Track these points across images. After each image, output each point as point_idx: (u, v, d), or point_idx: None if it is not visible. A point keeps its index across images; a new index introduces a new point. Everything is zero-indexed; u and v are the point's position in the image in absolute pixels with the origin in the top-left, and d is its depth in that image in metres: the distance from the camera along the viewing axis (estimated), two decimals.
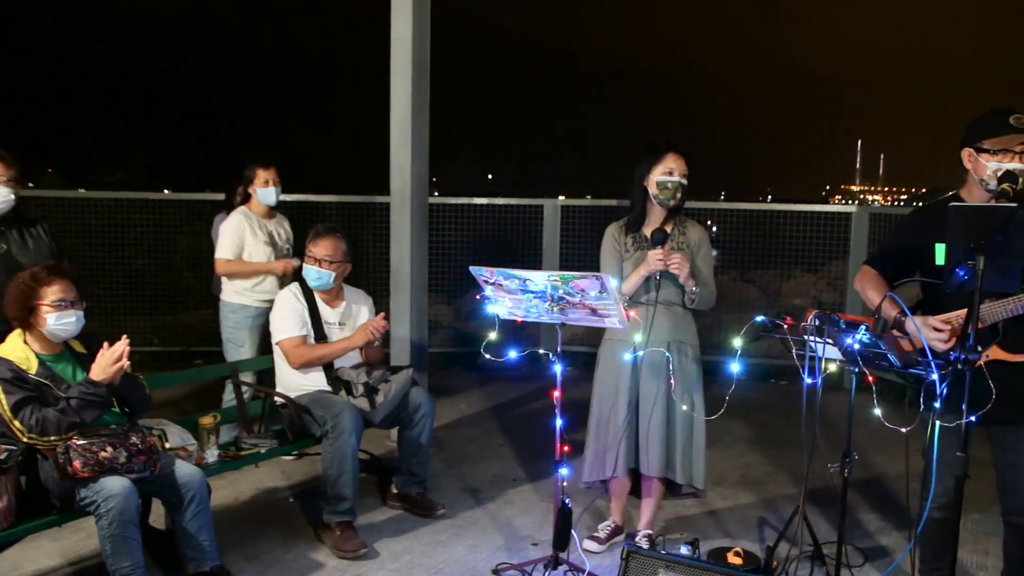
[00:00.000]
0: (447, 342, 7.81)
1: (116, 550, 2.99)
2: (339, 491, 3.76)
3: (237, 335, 4.73)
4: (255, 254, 4.69)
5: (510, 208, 7.62)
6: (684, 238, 3.59)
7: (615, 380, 3.63)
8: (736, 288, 7.78)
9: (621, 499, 3.87)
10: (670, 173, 3.52)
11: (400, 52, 4.98)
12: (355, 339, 4.11)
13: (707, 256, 3.62)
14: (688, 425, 3.61)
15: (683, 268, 3.42)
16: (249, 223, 4.71)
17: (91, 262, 7.41)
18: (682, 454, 3.60)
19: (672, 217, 3.61)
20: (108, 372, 3.12)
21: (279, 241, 4.81)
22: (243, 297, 4.72)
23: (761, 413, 6.02)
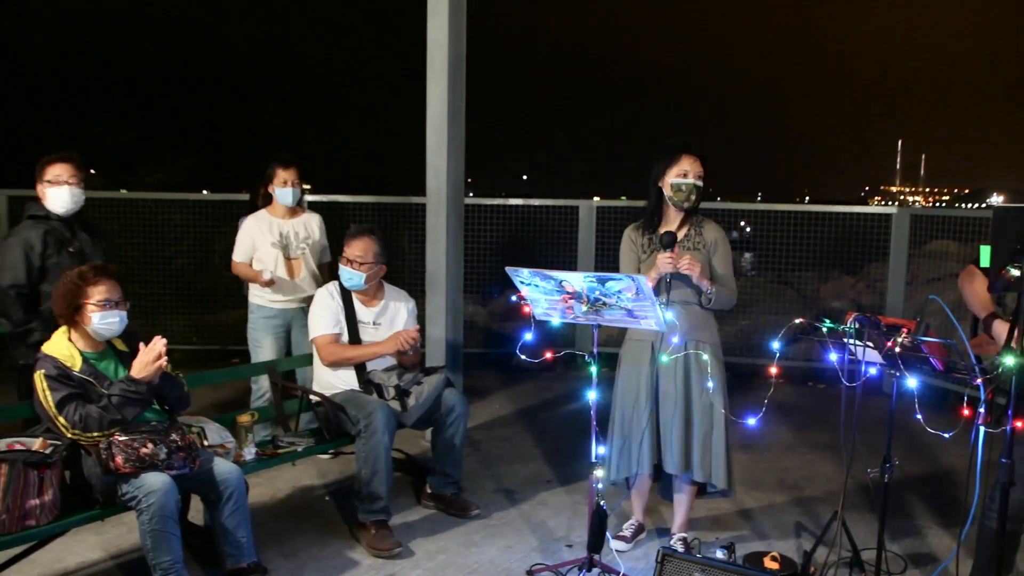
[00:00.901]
0: (482, 343, 7.82)
1: (156, 545, 3.03)
2: (373, 490, 3.78)
3: (255, 335, 4.83)
4: (264, 256, 4.74)
5: (545, 209, 7.62)
6: (700, 238, 3.58)
7: (636, 380, 3.63)
8: (773, 290, 7.70)
9: (643, 497, 3.87)
10: (684, 175, 3.51)
11: (436, 54, 5.00)
12: (386, 347, 4.12)
13: (725, 255, 3.59)
14: (707, 423, 3.58)
15: (694, 268, 3.40)
16: (259, 225, 4.77)
17: (132, 262, 7.54)
18: (701, 453, 3.58)
19: (688, 217, 3.60)
20: (148, 370, 3.17)
21: (294, 241, 4.80)
22: (258, 299, 4.81)
23: (798, 416, 5.94)
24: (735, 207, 7.66)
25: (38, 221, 3.87)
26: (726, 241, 3.61)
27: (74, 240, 3.91)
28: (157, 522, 3.02)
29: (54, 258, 3.80)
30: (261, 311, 4.79)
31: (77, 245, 3.90)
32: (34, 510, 2.97)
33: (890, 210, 7.14)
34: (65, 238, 3.88)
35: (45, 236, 3.81)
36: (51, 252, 3.81)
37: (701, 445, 3.57)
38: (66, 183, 3.88)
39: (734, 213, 7.90)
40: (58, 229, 3.88)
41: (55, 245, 3.82)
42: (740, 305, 7.57)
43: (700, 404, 3.56)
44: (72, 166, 3.91)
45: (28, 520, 2.96)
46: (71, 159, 3.93)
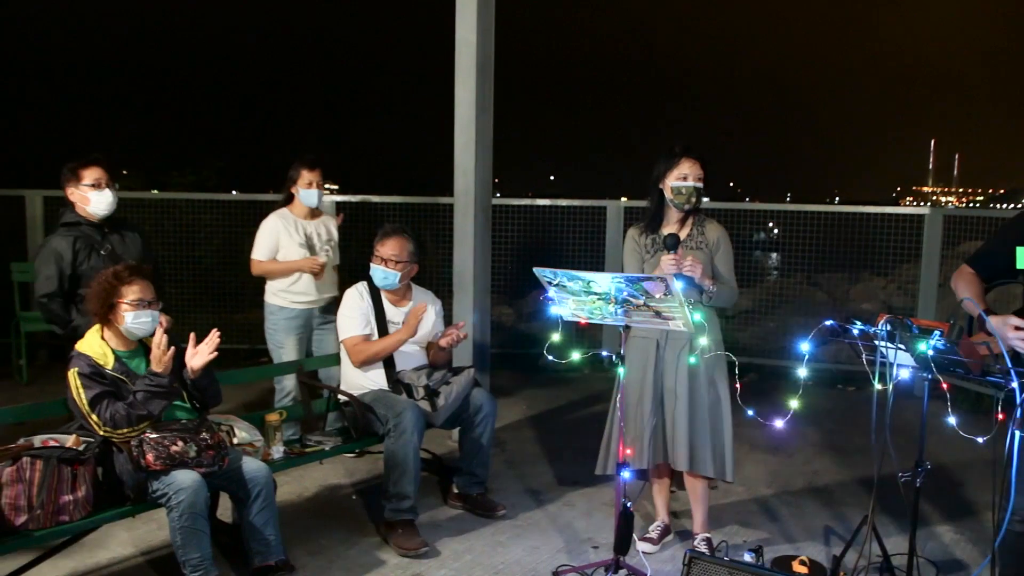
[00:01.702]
0: (509, 343, 7.82)
1: (186, 541, 3.07)
2: (401, 489, 3.79)
3: (276, 336, 4.77)
4: (290, 255, 4.71)
5: (572, 209, 7.60)
6: (703, 238, 3.61)
7: (640, 377, 3.63)
8: (802, 292, 7.64)
9: (664, 497, 3.89)
10: (684, 178, 3.55)
11: (464, 54, 5.00)
12: (404, 331, 4.09)
13: (726, 254, 3.63)
14: (714, 418, 3.59)
15: (696, 269, 3.42)
16: (285, 224, 4.74)
17: (163, 261, 7.61)
18: (710, 448, 3.58)
19: (690, 217, 3.63)
20: (163, 362, 3.21)
21: (318, 242, 4.80)
22: (278, 298, 4.75)
23: (828, 420, 5.89)
24: (763, 207, 7.60)
25: (70, 228, 3.89)
26: (728, 240, 3.65)
27: (105, 243, 3.94)
28: (187, 519, 3.05)
29: (86, 264, 3.83)
30: (282, 312, 4.74)
31: (108, 247, 3.93)
32: (68, 506, 3.01)
33: (922, 211, 7.05)
34: (96, 242, 3.91)
35: (75, 243, 3.83)
36: (82, 259, 3.83)
37: (710, 441, 3.58)
38: (106, 186, 3.92)
39: (762, 214, 7.84)
40: (88, 234, 3.90)
41: (85, 251, 3.85)
42: (768, 306, 7.56)
43: (707, 400, 3.58)
44: (105, 169, 3.94)
45: (62, 515, 3.01)
46: (101, 161, 3.95)
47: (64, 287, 3.81)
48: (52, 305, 3.80)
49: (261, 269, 4.75)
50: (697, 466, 3.59)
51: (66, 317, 3.81)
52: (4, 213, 7.79)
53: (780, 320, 7.35)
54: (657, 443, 3.63)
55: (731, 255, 3.65)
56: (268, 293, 4.80)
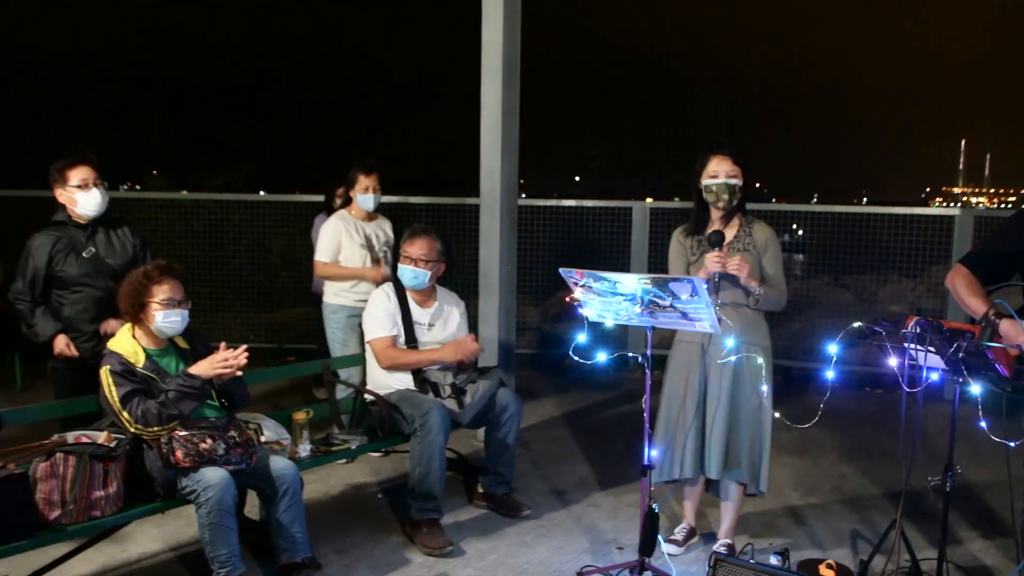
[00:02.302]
0: (534, 343, 7.83)
1: (214, 538, 3.10)
2: (426, 489, 3.81)
3: (339, 334, 4.82)
4: (351, 256, 4.77)
5: (598, 210, 7.59)
6: (750, 239, 3.55)
7: (684, 382, 3.60)
8: (829, 293, 7.57)
9: (694, 501, 3.85)
10: (715, 176, 3.51)
11: (491, 56, 5.02)
12: (445, 354, 4.17)
13: (775, 256, 3.57)
14: (755, 427, 3.54)
15: (742, 269, 3.38)
16: (346, 226, 4.80)
17: (193, 261, 7.70)
18: (748, 456, 3.55)
19: (733, 218, 3.58)
20: (209, 372, 3.25)
21: (376, 244, 4.86)
22: (341, 298, 4.80)
23: (855, 422, 5.84)
24: (788, 208, 7.55)
25: (57, 228, 3.83)
26: (776, 242, 3.59)
27: (89, 244, 3.85)
28: (215, 516, 3.09)
29: (61, 265, 3.78)
30: (344, 311, 4.78)
31: (91, 250, 3.85)
32: (99, 501, 3.06)
33: (952, 212, 6.97)
34: (79, 243, 3.83)
35: (55, 244, 3.78)
36: (59, 260, 3.78)
37: (748, 449, 3.54)
38: (94, 186, 3.82)
39: (786, 215, 7.79)
40: (72, 236, 3.83)
41: (64, 252, 3.79)
42: (794, 308, 7.48)
43: (748, 407, 3.53)
44: (91, 167, 3.84)
45: (94, 511, 3.06)
46: (88, 160, 3.85)
47: (36, 287, 3.79)
48: (18, 304, 3.79)
49: (325, 272, 4.80)
50: (734, 473, 3.56)
51: (28, 318, 3.79)
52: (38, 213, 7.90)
53: (807, 322, 7.29)
54: (696, 450, 3.58)
55: (780, 257, 3.59)
56: (328, 294, 4.85)
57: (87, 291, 3.83)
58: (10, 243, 7.21)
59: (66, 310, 3.84)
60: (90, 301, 3.84)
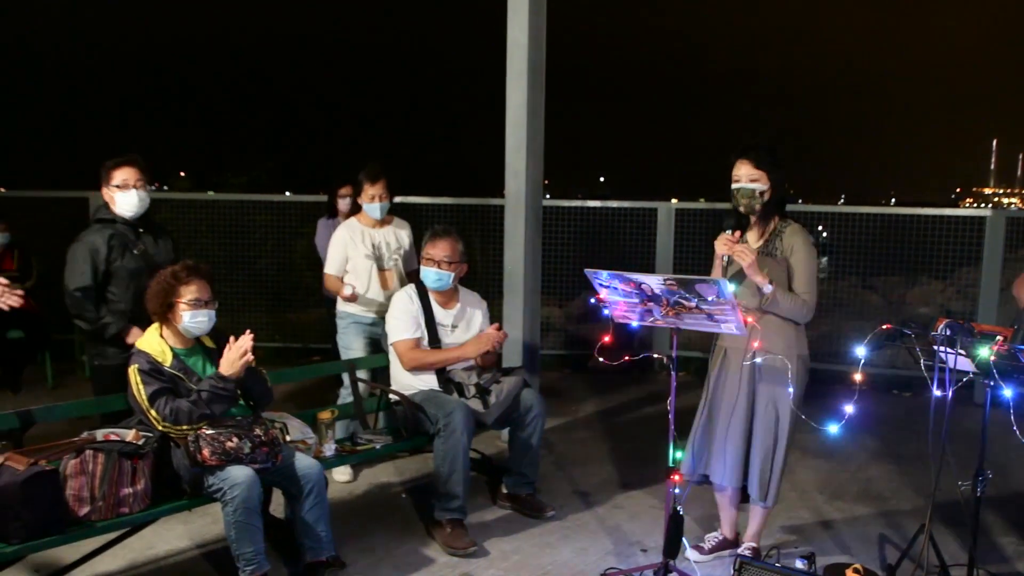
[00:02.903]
0: (558, 344, 7.82)
1: (240, 536, 3.12)
2: (450, 489, 3.82)
3: (345, 340, 4.74)
4: (357, 267, 4.64)
5: (623, 211, 7.57)
6: (780, 244, 3.46)
7: (709, 386, 3.60)
8: (857, 295, 7.49)
9: (729, 511, 3.78)
10: (737, 180, 3.46)
11: (516, 56, 5.02)
12: (468, 350, 4.17)
13: (801, 264, 3.41)
14: (770, 439, 3.48)
15: (744, 256, 3.28)
16: (352, 236, 4.66)
17: (219, 261, 7.76)
18: (760, 468, 3.50)
19: (769, 222, 3.50)
20: (235, 366, 3.28)
21: (386, 252, 4.72)
22: (349, 306, 4.69)
23: (883, 426, 5.77)
24: (814, 209, 7.48)
25: (105, 225, 3.91)
26: (806, 249, 3.44)
27: (139, 242, 3.94)
28: (241, 514, 3.11)
29: (118, 261, 3.85)
30: (351, 318, 4.71)
31: (142, 247, 3.93)
32: (127, 498, 3.10)
33: (983, 212, 6.87)
34: (130, 240, 3.92)
35: (110, 240, 3.85)
36: (115, 255, 3.85)
37: (761, 461, 3.49)
38: (133, 187, 3.89)
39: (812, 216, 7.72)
40: (123, 232, 3.91)
41: (119, 248, 3.87)
42: (821, 310, 7.38)
43: (765, 419, 3.48)
44: (137, 169, 3.92)
45: (122, 508, 3.09)
46: (135, 162, 3.93)
47: (97, 281, 3.83)
48: (84, 300, 3.80)
49: (330, 284, 4.72)
50: (745, 483, 3.54)
51: (95, 313, 3.81)
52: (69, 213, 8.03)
53: (834, 324, 7.22)
54: (708, 454, 3.58)
55: (808, 267, 3.42)
56: (340, 301, 4.73)
57: (136, 287, 3.84)
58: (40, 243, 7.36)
59: (119, 306, 3.88)
60: (140, 298, 3.87)
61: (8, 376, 6.53)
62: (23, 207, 8.09)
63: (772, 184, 3.43)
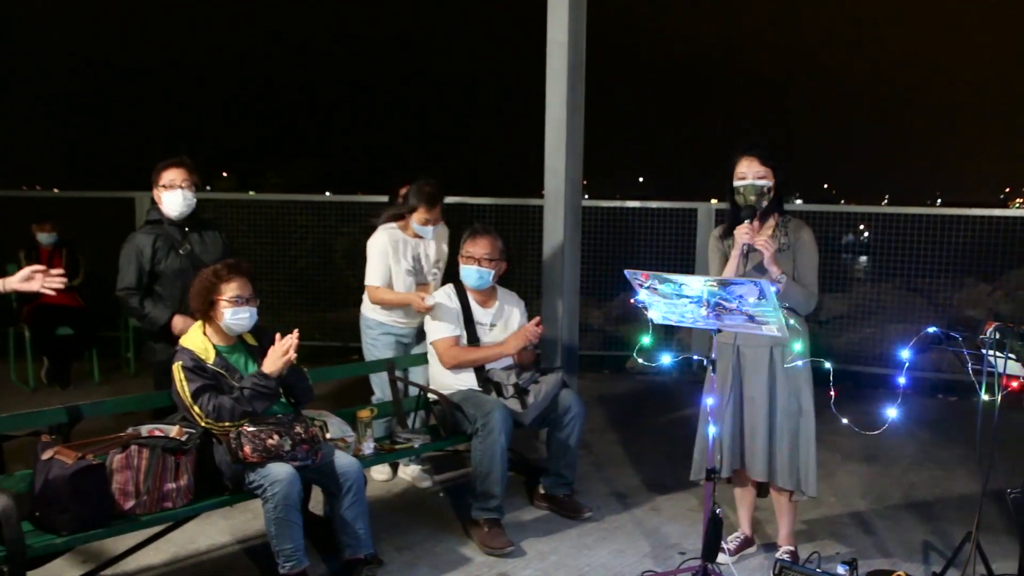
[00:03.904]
0: (597, 345, 7.80)
1: (280, 532, 3.16)
2: (488, 488, 3.82)
3: (374, 351, 4.60)
4: (397, 283, 4.49)
5: (662, 211, 7.52)
6: (786, 238, 3.50)
7: (721, 383, 3.55)
8: (901, 298, 7.37)
9: (747, 508, 3.79)
10: (743, 177, 3.47)
11: (556, 55, 5.01)
12: (508, 346, 4.17)
13: (805, 256, 3.49)
14: (794, 429, 3.48)
15: (769, 247, 3.32)
16: (393, 248, 4.47)
17: (260, 261, 7.86)
18: (788, 459, 3.48)
19: (768, 219, 3.52)
20: (278, 365, 3.32)
21: (425, 265, 4.56)
22: (379, 315, 4.56)
23: (927, 430, 5.67)
24: (857, 210, 7.37)
25: (153, 226, 4.02)
26: (812, 244, 3.52)
27: (185, 242, 4.03)
28: (281, 510, 3.14)
29: (163, 262, 3.96)
30: (381, 327, 4.58)
31: (187, 247, 4.02)
32: (171, 493, 3.14)
33: None
34: (176, 241, 4.01)
35: (155, 241, 3.96)
36: (160, 256, 3.96)
37: (788, 452, 3.48)
38: (179, 187, 3.98)
39: (854, 216, 7.61)
40: (169, 233, 4.01)
41: (165, 249, 3.97)
42: (864, 312, 7.32)
43: (786, 409, 3.48)
44: (185, 170, 4.01)
45: (165, 502, 3.14)
46: (183, 163, 4.03)
47: (142, 282, 3.95)
48: (130, 299, 3.95)
49: (376, 297, 4.49)
50: (774, 477, 3.52)
51: (140, 310, 3.95)
52: (116, 214, 8.20)
53: (877, 326, 7.11)
54: (735, 451, 3.57)
55: (811, 259, 3.50)
56: (367, 306, 4.60)
57: (183, 286, 3.90)
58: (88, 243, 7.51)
59: (165, 303, 3.98)
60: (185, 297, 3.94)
61: (57, 372, 6.68)
62: (72, 207, 8.27)
63: (776, 181, 3.49)
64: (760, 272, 3.37)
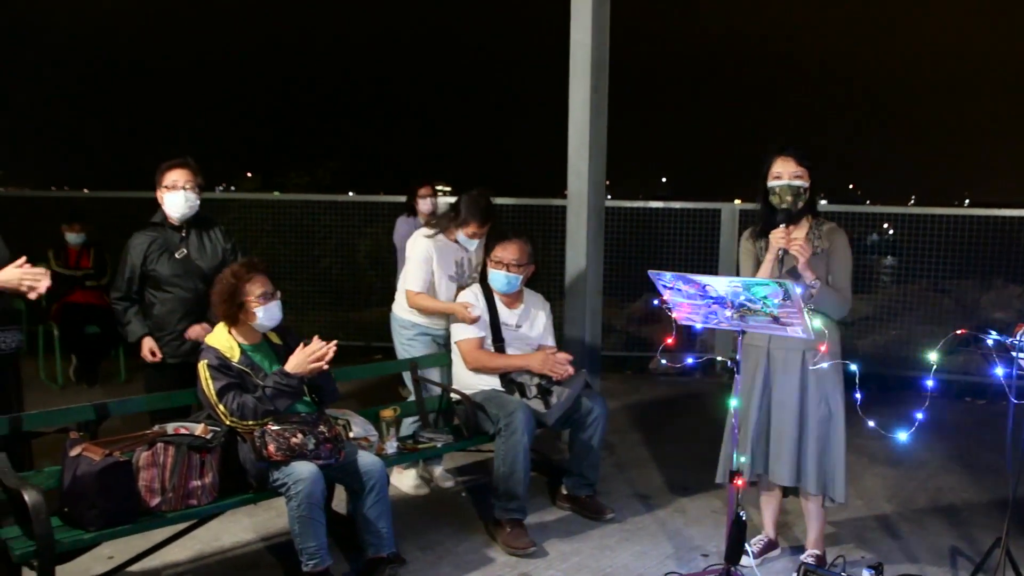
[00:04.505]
0: (619, 346, 7.77)
1: (303, 530, 3.18)
2: (510, 489, 3.82)
3: (411, 350, 4.51)
4: (439, 289, 4.42)
5: (686, 212, 7.48)
6: (819, 241, 3.45)
7: (750, 385, 3.53)
8: (928, 299, 7.29)
9: (771, 511, 3.75)
10: (779, 177, 3.43)
11: (579, 56, 5.00)
12: (532, 362, 4.14)
13: (842, 261, 3.44)
14: (824, 434, 3.44)
15: (804, 252, 3.28)
16: (441, 256, 4.35)
17: (283, 260, 7.92)
18: (816, 464, 3.44)
19: (801, 220, 3.48)
20: (303, 367, 3.33)
21: (467, 271, 4.49)
22: (413, 316, 4.47)
23: (955, 434, 5.60)
24: (882, 211, 7.30)
25: (153, 228, 3.99)
26: (846, 247, 3.47)
27: (181, 246, 3.98)
28: (304, 509, 3.16)
29: (155, 265, 3.93)
30: (417, 328, 4.50)
31: (183, 251, 3.97)
32: (196, 491, 3.17)
33: None
34: (173, 244, 3.97)
35: (150, 245, 3.93)
36: (152, 260, 3.93)
37: (816, 457, 3.44)
38: (182, 188, 3.93)
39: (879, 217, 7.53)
40: (167, 236, 3.97)
41: (158, 252, 3.93)
42: (890, 314, 7.25)
43: (817, 414, 3.43)
44: (188, 171, 3.96)
45: (190, 500, 3.17)
46: (187, 164, 3.98)
47: (132, 285, 3.95)
48: (116, 302, 3.98)
49: (417, 303, 4.37)
50: (802, 482, 3.48)
51: (122, 317, 3.98)
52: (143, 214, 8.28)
53: (904, 328, 7.04)
54: (760, 454, 3.53)
55: (846, 263, 3.45)
56: (401, 307, 4.50)
57: (176, 291, 3.96)
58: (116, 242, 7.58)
59: (156, 309, 3.99)
60: (178, 302, 3.97)
61: (84, 370, 6.76)
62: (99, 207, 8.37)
63: (811, 182, 3.44)
64: (794, 277, 3.32)
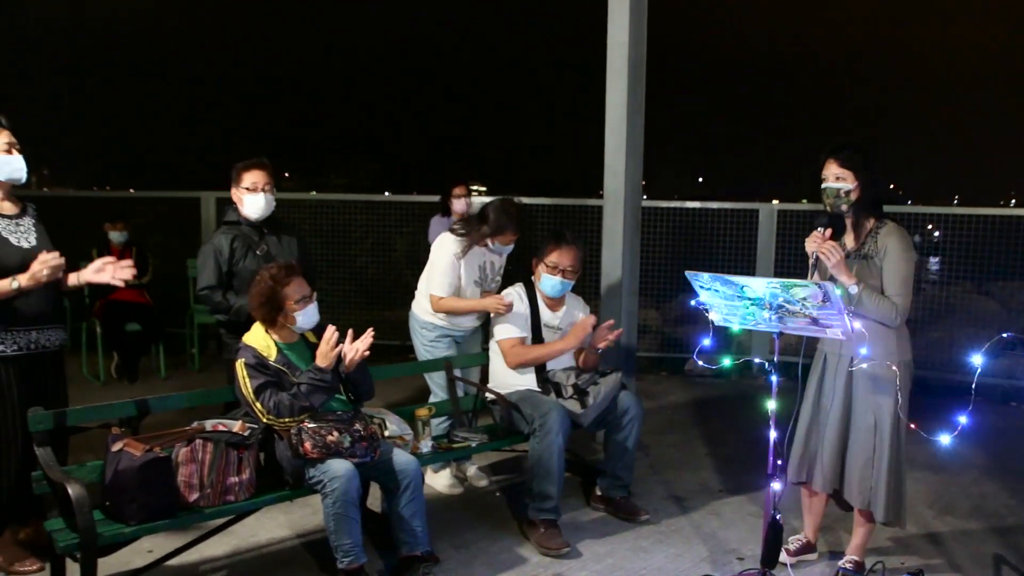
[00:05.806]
0: (655, 346, 7.73)
1: (338, 527, 3.20)
2: (544, 489, 3.81)
3: (435, 351, 4.48)
4: (465, 290, 4.39)
5: (723, 212, 7.42)
6: (875, 246, 3.34)
7: (810, 389, 3.50)
8: (971, 301, 7.15)
9: (815, 515, 3.70)
10: (824, 179, 3.40)
11: (616, 56, 4.98)
12: (569, 341, 4.16)
13: (893, 265, 3.28)
14: (868, 445, 3.35)
15: (832, 256, 3.20)
16: (467, 263, 4.33)
17: (321, 260, 7.99)
18: (860, 476, 3.37)
19: (861, 221, 3.39)
20: (328, 357, 3.35)
21: (490, 275, 4.45)
22: (435, 318, 4.44)
23: (999, 439, 5.48)
24: (925, 211, 7.17)
25: (230, 227, 4.05)
26: (900, 251, 3.29)
27: (261, 243, 4.04)
28: (340, 506, 3.18)
29: (242, 262, 3.97)
30: (439, 330, 4.48)
31: (264, 248, 4.03)
32: (233, 487, 3.21)
33: None
34: (253, 242, 4.03)
35: (233, 242, 3.98)
36: (238, 257, 3.97)
37: (860, 469, 3.37)
38: (262, 190, 4.00)
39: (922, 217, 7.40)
40: (247, 234, 4.03)
41: (243, 249, 3.99)
42: (932, 316, 7.12)
43: (862, 424, 3.35)
44: (266, 173, 4.04)
45: (228, 496, 3.20)
46: (265, 165, 4.05)
47: (221, 281, 3.96)
48: (213, 295, 3.96)
49: (443, 307, 4.33)
50: (845, 492, 3.43)
51: (226, 303, 3.94)
52: (182, 213, 8.42)
53: (946, 330, 6.91)
54: (806, 459, 3.50)
55: (900, 269, 3.28)
56: (421, 310, 4.46)
57: None
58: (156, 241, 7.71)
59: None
60: None
61: (126, 366, 6.88)
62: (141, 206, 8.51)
63: (860, 184, 3.35)
64: (832, 281, 3.26)
